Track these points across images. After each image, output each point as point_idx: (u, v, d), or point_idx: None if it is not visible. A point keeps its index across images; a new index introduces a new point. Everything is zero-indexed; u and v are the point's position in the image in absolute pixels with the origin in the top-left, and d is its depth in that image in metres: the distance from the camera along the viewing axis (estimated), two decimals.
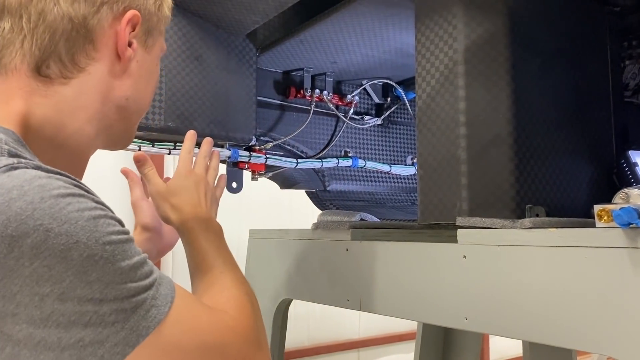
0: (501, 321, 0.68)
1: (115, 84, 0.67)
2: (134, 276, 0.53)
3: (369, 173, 1.55)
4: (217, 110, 1.18)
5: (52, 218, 0.49)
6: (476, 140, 0.80)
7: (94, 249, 0.50)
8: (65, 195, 0.52)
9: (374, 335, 3.42)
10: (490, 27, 0.81)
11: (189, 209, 0.83)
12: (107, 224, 0.53)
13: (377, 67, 1.43)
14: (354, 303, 0.91)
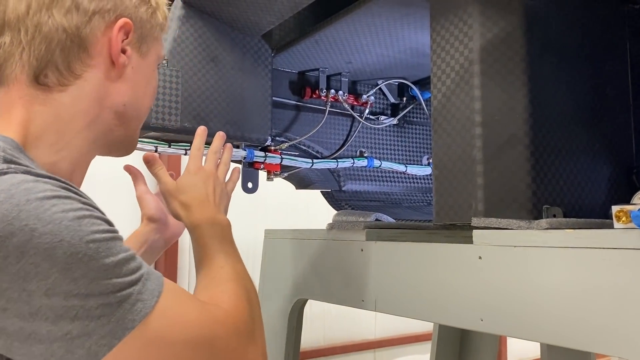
0: (517, 323, 0.67)
1: (112, 90, 0.70)
2: (119, 272, 0.56)
3: (384, 173, 1.54)
4: (232, 110, 1.19)
5: (37, 219, 0.53)
6: (492, 140, 0.80)
7: (77, 247, 0.53)
8: (50, 197, 0.55)
9: (391, 335, 3.41)
10: (507, 26, 0.80)
11: (196, 206, 0.84)
12: (91, 223, 0.56)
13: (392, 66, 1.42)
14: (368, 303, 0.91)
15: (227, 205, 0.91)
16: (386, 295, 0.88)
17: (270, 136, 1.26)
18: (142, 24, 0.72)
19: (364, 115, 1.49)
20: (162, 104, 1.10)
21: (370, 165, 1.48)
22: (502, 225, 0.71)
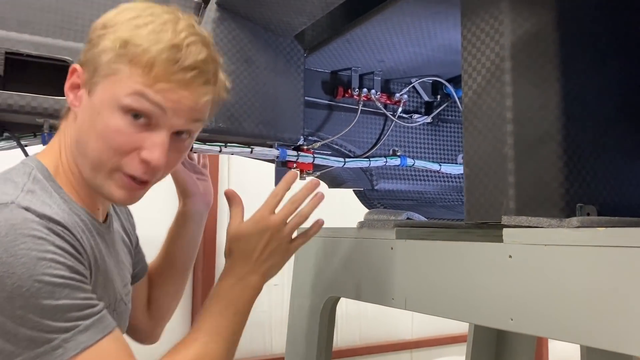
0: (548, 323, 0.66)
1: (70, 129, 0.77)
2: (52, 316, 0.63)
3: (418, 172, 1.53)
4: (265, 111, 1.21)
5: (5, 250, 0.62)
6: (524, 138, 0.78)
7: (24, 282, 0.62)
8: (26, 235, 0.64)
9: (428, 336, 3.38)
10: (539, 22, 0.79)
11: (237, 258, 0.87)
12: (47, 266, 0.64)
13: (426, 64, 1.42)
14: (398, 302, 0.91)
15: (279, 263, 0.89)
16: (416, 294, 0.88)
17: (302, 136, 1.27)
18: (88, 63, 0.73)
19: (396, 114, 1.49)
20: None
21: (403, 164, 1.48)
22: (532, 223, 0.70)
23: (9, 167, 0.76)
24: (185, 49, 0.71)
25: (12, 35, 0.99)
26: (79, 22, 1.11)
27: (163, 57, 0.69)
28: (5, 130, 1.03)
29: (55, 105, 1.00)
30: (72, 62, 1.01)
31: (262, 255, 0.87)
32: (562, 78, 0.78)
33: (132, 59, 0.69)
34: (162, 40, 0.70)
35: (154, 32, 0.70)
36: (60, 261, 0.65)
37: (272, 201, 0.89)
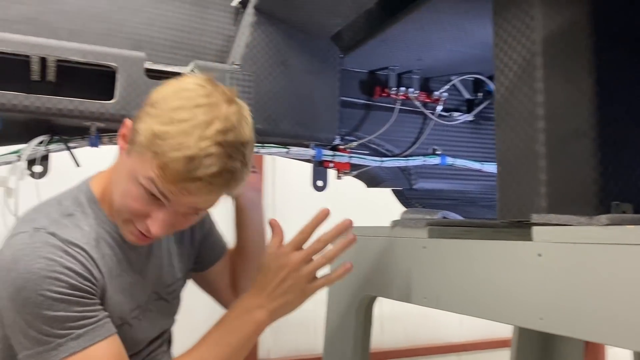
0: (577, 323, 0.65)
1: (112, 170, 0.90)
2: (51, 324, 0.79)
3: (458, 171, 1.51)
4: (302, 111, 1.23)
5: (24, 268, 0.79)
6: (556, 134, 0.77)
7: (32, 295, 0.78)
8: (42, 257, 0.80)
9: (476, 339, 3.31)
10: (571, 16, 0.77)
11: (253, 287, 0.90)
12: (50, 284, 0.79)
13: (465, 62, 1.40)
14: (430, 301, 0.91)
15: (292, 302, 0.90)
16: (448, 293, 0.87)
17: (338, 135, 1.28)
18: (133, 134, 0.82)
19: (436, 112, 1.48)
20: None
21: (443, 163, 1.47)
22: (561, 221, 0.69)
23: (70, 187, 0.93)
24: (200, 160, 0.77)
25: (63, 44, 1.05)
26: (124, 29, 1.16)
27: (177, 166, 0.77)
28: (56, 134, 1.09)
29: (101, 109, 1.05)
30: (116, 68, 1.07)
31: (275, 291, 0.88)
32: (595, 72, 0.75)
33: (155, 152, 0.78)
34: (182, 148, 0.76)
35: (181, 133, 0.77)
36: (63, 279, 0.80)
37: (298, 238, 0.90)
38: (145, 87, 1.09)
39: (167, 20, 1.20)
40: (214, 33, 1.24)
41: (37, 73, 1.04)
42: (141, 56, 1.09)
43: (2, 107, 0.98)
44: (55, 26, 1.10)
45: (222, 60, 1.23)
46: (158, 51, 1.19)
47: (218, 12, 1.25)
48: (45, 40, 1.04)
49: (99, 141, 1.13)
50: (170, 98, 0.81)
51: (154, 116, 0.79)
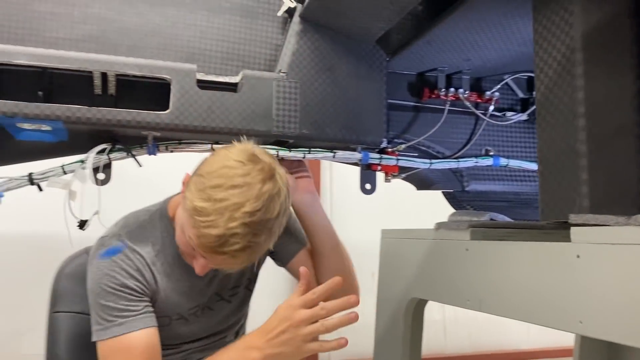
0: (616, 326, 0.62)
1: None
2: (104, 310, 1.04)
3: (513, 172, 1.48)
4: (348, 115, 1.24)
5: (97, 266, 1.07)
6: (597, 132, 0.74)
7: (96, 286, 1.05)
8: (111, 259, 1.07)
9: (546, 347, 3.17)
10: (611, 10, 0.75)
11: (259, 328, 1.00)
12: (108, 279, 1.05)
13: (518, 60, 1.36)
14: (474, 304, 0.90)
15: (287, 354, 0.96)
16: (490, 296, 0.86)
17: (385, 138, 1.28)
18: (184, 191, 1.00)
19: (488, 112, 1.45)
20: (282, 113, 1.20)
21: (496, 164, 1.43)
22: (599, 221, 0.66)
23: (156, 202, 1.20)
24: (226, 238, 0.93)
25: (121, 60, 1.12)
26: (178, 43, 1.23)
27: (207, 240, 0.94)
28: (117, 143, 1.17)
29: (157, 119, 1.12)
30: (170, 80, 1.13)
31: (274, 339, 0.96)
32: (638, 67, 0.72)
33: (194, 222, 0.95)
34: (213, 226, 0.92)
35: (215, 212, 0.93)
36: (117, 278, 1.05)
37: (309, 297, 0.97)
38: (197, 97, 1.14)
39: (218, 33, 1.25)
40: (262, 43, 1.29)
41: (99, 87, 1.12)
42: (193, 68, 1.15)
43: (67, 119, 1.06)
44: (115, 43, 1.18)
45: (271, 69, 1.27)
46: (210, 62, 1.24)
47: (267, 22, 1.29)
48: (105, 57, 1.12)
49: (156, 149, 1.20)
50: (214, 175, 0.96)
51: (198, 190, 0.95)
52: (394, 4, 1.07)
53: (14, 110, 1.03)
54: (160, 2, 1.22)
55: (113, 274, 1.05)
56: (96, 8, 1.17)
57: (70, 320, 1.27)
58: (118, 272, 1.05)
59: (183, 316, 1.18)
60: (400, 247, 1.18)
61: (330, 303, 0.96)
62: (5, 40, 1.10)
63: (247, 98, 1.18)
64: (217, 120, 1.15)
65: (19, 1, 1.12)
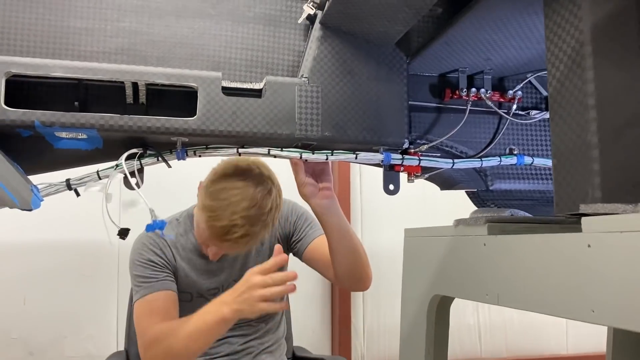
0: (627, 314, 0.63)
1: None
2: (136, 278, 1.44)
3: (538, 170, 1.47)
4: (369, 118, 1.27)
5: (135, 244, 1.51)
6: (609, 123, 0.75)
7: (131, 260, 1.47)
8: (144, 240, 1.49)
9: (586, 352, 3.10)
10: (620, 2, 0.75)
11: (229, 290, 1.27)
12: (138, 255, 1.46)
13: (539, 58, 1.36)
14: (492, 298, 0.91)
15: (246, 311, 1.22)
16: (507, 289, 0.87)
17: (407, 139, 1.30)
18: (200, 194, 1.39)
19: (511, 111, 1.45)
20: (304, 117, 1.23)
21: (520, 162, 1.43)
22: (607, 210, 0.67)
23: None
24: (229, 228, 1.28)
25: (151, 70, 1.18)
26: (205, 52, 1.28)
27: (214, 231, 1.31)
28: (148, 148, 1.23)
29: (184, 125, 1.17)
30: (197, 88, 1.18)
31: (238, 297, 1.23)
32: None
33: (204, 218, 1.33)
34: (219, 219, 1.29)
35: (220, 209, 1.29)
36: (144, 254, 1.45)
37: (265, 267, 1.24)
38: (222, 103, 1.19)
39: (243, 42, 1.31)
40: (285, 50, 1.33)
41: (131, 96, 1.19)
42: (218, 76, 1.20)
43: (102, 127, 1.13)
44: (145, 54, 1.24)
45: (293, 74, 1.32)
46: (234, 70, 1.30)
47: (288, 29, 1.34)
48: (136, 68, 1.18)
49: (185, 154, 1.25)
50: (218, 182, 1.34)
51: (207, 192, 1.33)
52: (409, 7, 1.09)
53: (52, 120, 1.10)
54: (188, 14, 1.28)
55: (142, 252, 1.45)
56: (127, 22, 1.24)
57: None
58: (145, 251, 1.45)
59: (203, 295, 1.50)
60: (422, 245, 1.19)
61: (278, 274, 1.22)
62: (44, 54, 1.18)
63: (270, 103, 1.22)
64: (242, 125, 1.20)
65: (56, 18, 1.20)
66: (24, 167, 1.18)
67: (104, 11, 1.23)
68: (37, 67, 1.12)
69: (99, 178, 1.20)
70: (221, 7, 1.29)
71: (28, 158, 1.21)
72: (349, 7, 1.16)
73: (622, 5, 0.75)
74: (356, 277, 1.47)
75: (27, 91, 1.18)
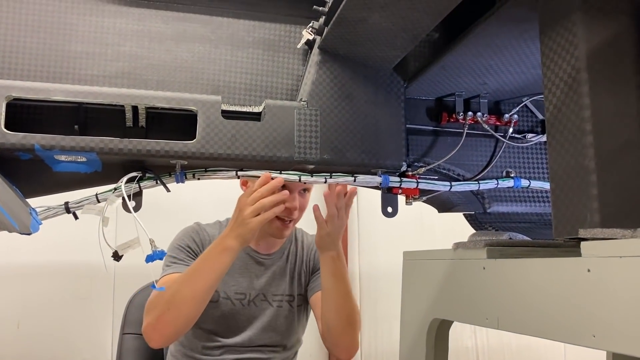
0: (628, 340, 0.63)
1: None
2: (169, 258, 1.52)
3: (535, 193, 1.48)
4: (367, 141, 1.28)
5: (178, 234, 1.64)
6: (605, 148, 0.76)
7: (171, 244, 1.58)
8: (187, 230, 1.63)
9: None
10: (614, 29, 0.77)
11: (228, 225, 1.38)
12: (180, 240, 1.58)
13: (534, 82, 1.38)
14: (492, 322, 0.91)
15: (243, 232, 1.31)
16: (506, 313, 0.87)
17: (404, 162, 1.31)
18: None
19: (507, 134, 1.46)
20: (303, 140, 1.24)
21: (517, 185, 1.44)
22: (606, 235, 0.68)
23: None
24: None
25: (151, 94, 1.19)
26: (205, 76, 1.30)
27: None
28: (148, 171, 1.23)
29: (184, 148, 1.18)
30: (197, 111, 1.19)
31: (234, 223, 1.33)
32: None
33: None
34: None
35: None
36: (185, 239, 1.57)
37: (250, 190, 1.31)
38: (222, 126, 1.20)
39: (242, 66, 1.32)
40: (284, 74, 1.34)
41: (130, 120, 1.19)
42: (218, 99, 1.21)
43: (101, 150, 1.13)
44: (145, 78, 1.25)
45: (292, 98, 1.33)
46: (234, 94, 1.31)
47: (287, 54, 1.35)
48: (136, 91, 1.19)
49: (184, 177, 1.26)
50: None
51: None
52: (407, 32, 1.11)
53: (52, 143, 1.10)
54: (187, 39, 1.29)
55: (183, 238, 1.57)
56: (127, 46, 1.25)
57: (135, 340, 1.68)
58: (187, 237, 1.57)
59: (229, 297, 1.55)
60: (421, 268, 1.19)
61: (264, 187, 1.28)
62: (45, 78, 1.19)
63: (269, 126, 1.23)
64: (241, 148, 1.20)
65: (57, 43, 1.21)
66: (23, 190, 1.18)
67: (105, 35, 1.24)
68: (38, 91, 1.12)
69: (98, 201, 1.20)
70: (221, 32, 1.31)
71: (27, 181, 1.21)
72: (347, 32, 1.18)
73: (616, 33, 0.77)
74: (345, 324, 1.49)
75: (27, 114, 1.19)
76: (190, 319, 1.35)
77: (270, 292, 1.60)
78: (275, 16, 1.34)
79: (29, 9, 1.21)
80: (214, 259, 1.33)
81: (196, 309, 1.34)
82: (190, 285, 1.34)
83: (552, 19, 0.85)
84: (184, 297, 1.32)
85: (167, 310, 1.33)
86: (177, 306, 1.33)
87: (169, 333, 1.36)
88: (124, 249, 1.12)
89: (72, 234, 2.30)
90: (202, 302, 1.35)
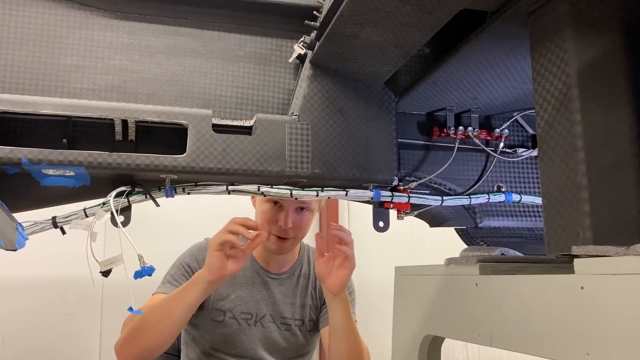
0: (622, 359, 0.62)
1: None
2: (168, 274, 1.55)
3: (526, 208, 1.48)
4: (358, 155, 1.28)
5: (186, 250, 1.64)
6: (597, 165, 0.76)
7: (177, 259, 1.60)
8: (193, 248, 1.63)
9: None
10: (605, 46, 0.77)
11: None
12: (184, 257, 1.59)
13: (525, 97, 1.39)
14: (485, 339, 0.90)
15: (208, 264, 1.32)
16: (500, 330, 0.86)
17: (396, 176, 1.31)
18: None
19: (498, 149, 1.47)
20: (294, 154, 1.23)
21: (508, 200, 1.44)
22: (600, 252, 0.67)
23: None
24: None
25: (141, 107, 1.18)
26: (195, 90, 1.29)
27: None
28: (137, 186, 1.21)
29: (174, 162, 1.16)
30: (187, 125, 1.18)
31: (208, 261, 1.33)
32: (633, 100, 0.74)
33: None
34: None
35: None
36: (187, 259, 1.57)
37: (226, 226, 1.33)
38: (212, 140, 1.19)
39: (233, 80, 1.31)
40: (275, 88, 1.34)
41: (120, 133, 1.18)
42: (208, 113, 1.20)
43: (90, 165, 1.12)
44: (135, 92, 1.24)
45: (284, 112, 1.32)
46: (225, 107, 1.30)
47: (279, 68, 1.35)
48: (126, 105, 1.18)
49: (173, 192, 1.24)
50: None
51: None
52: (398, 47, 1.11)
53: (40, 157, 1.09)
54: (178, 52, 1.29)
55: (187, 256, 1.58)
56: (117, 60, 1.24)
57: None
58: (190, 255, 1.57)
59: (235, 317, 1.55)
60: (413, 284, 1.18)
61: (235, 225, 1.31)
62: (33, 91, 1.18)
63: (260, 140, 1.22)
64: (232, 162, 1.19)
65: (46, 56, 1.20)
66: (9, 204, 1.16)
67: (95, 49, 1.24)
68: (26, 105, 1.11)
69: (86, 216, 1.18)
70: (212, 46, 1.31)
71: (13, 195, 1.19)
72: (339, 47, 1.18)
73: (607, 49, 0.77)
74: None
75: (15, 127, 1.17)
76: (156, 346, 1.33)
77: (278, 313, 1.59)
78: (267, 30, 1.33)
79: (17, 21, 1.20)
80: (184, 291, 1.33)
81: (162, 337, 1.32)
82: (157, 314, 1.33)
83: (542, 36, 0.85)
84: (149, 322, 1.32)
85: (136, 331, 1.33)
86: (142, 331, 1.32)
87: (135, 354, 1.34)
88: (106, 265, 1.10)
89: (59, 248, 2.27)
90: (168, 331, 1.33)
